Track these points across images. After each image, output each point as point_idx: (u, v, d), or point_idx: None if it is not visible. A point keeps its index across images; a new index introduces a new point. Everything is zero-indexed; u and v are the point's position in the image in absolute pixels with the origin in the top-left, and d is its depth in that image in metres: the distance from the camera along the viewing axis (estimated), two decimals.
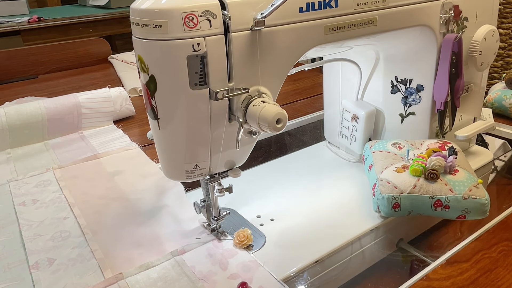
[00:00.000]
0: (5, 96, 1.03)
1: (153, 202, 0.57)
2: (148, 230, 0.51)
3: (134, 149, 0.73)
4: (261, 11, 0.37)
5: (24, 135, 0.77)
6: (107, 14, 2.20)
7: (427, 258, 0.47)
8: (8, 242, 0.50)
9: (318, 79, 1.14)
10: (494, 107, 0.79)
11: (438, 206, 0.48)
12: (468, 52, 0.58)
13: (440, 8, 0.53)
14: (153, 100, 0.40)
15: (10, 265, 0.46)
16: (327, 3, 0.43)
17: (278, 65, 0.42)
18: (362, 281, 0.45)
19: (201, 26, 0.36)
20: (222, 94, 0.38)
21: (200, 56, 0.37)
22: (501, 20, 0.83)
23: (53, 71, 1.36)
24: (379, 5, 0.47)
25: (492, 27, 0.58)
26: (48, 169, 0.67)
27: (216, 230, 0.50)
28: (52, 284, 0.43)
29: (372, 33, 0.48)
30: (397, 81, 0.60)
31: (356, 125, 0.63)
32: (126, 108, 0.89)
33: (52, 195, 0.60)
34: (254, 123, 0.39)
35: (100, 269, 0.45)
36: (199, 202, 0.50)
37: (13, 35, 1.90)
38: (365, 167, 0.58)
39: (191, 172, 0.44)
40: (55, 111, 0.79)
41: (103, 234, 0.51)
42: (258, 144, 0.72)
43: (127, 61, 1.34)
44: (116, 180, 0.63)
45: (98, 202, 0.58)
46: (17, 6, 2.17)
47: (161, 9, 0.35)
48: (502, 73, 0.87)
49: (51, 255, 0.47)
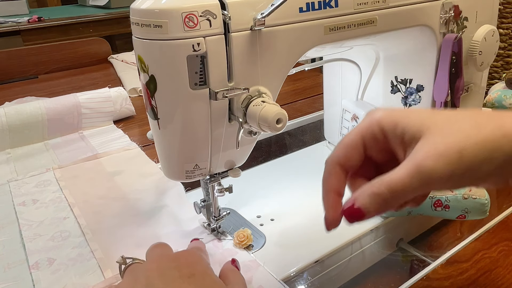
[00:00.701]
0: (5, 96, 1.03)
1: (153, 202, 0.57)
2: (148, 230, 0.51)
3: (134, 149, 0.73)
4: (261, 11, 0.37)
5: (24, 135, 0.77)
6: (107, 14, 2.20)
7: (427, 258, 0.47)
8: (8, 242, 0.50)
9: (318, 79, 1.14)
10: (494, 107, 0.79)
11: (438, 206, 0.48)
12: (468, 52, 0.58)
13: (440, 8, 0.53)
14: (153, 100, 0.40)
15: (10, 265, 0.46)
16: (327, 3, 0.43)
17: (278, 65, 0.42)
18: (362, 281, 0.45)
19: (201, 26, 0.36)
20: (222, 94, 0.38)
21: (200, 56, 0.37)
22: (501, 20, 0.83)
23: (53, 71, 1.36)
24: (379, 5, 0.47)
25: (492, 27, 0.58)
26: (48, 169, 0.67)
27: (216, 230, 0.50)
28: (52, 284, 0.43)
29: (372, 33, 0.48)
30: (397, 81, 0.60)
31: (356, 125, 0.63)
32: (126, 108, 0.89)
33: (52, 195, 0.60)
34: (254, 123, 0.39)
35: (100, 269, 0.45)
36: (199, 202, 0.50)
37: (13, 35, 1.90)
38: None
39: (191, 172, 0.44)
40: (55, 111, 0.79)
41: (103, 234, 0.51)
42: (258, 144, 0.72)
43: (127, 61, 1.34)
44: (116, 180, 0.63)
45: (98, 202, 0.58)
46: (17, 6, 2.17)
47: (161, 9, 0.35)
48: (502, 73, 0.87)
49: (51, 255, 0.47)
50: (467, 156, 0.26)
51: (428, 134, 0.28)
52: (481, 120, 0.27)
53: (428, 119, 0.28)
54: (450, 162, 0.26)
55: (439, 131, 0.27)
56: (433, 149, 0.27)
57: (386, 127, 0.30)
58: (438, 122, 0.28)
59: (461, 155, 0.26)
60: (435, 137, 0.27)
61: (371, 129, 0.31)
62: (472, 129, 0.27)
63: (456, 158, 0.26)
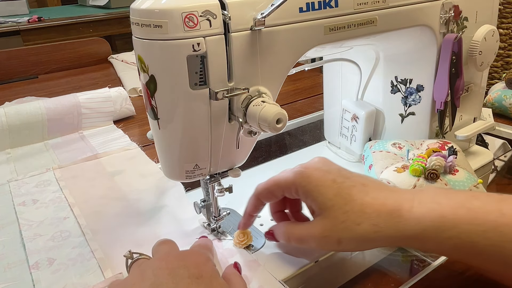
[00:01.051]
0: (5, 96, 1.03)
1: (153, 202, 0.57)
2: (148, 230, 0.51)
3: (134, 149, 0.73)
4: (261, 11, 0.37)
5: (24, 135, 0.77)
6: (107, 14, 2.20)
7: (427, 258, 0.47)
8: (8, 242, 0.50)
9: (318, 79, 1.14)
10: (494, 107, 0.79)
11: None
12: (468, 52, 0.58)
13: (440, 8, 0.53)
14: (153, 100, 0.40)
15: (10, 265, 0.46)
16: (327, 3, 0.43)
17: (278, 65, 0.42)
18: (362, 281, 0.45)
19: (201, 26, 0.36)
20: (222, 94, 0.38)
21: (200, 56, 0.37)
22: (501, 20, 0.83)
23: (53, 71, 1.36)
24: (379, 5, 0.47)
25: (492, 27, 0.58)
26: (48, 169, 0.67)
27: (216, 230, 0.50)
28: (52, 283, 0.43)
29: (372, 33, 0.48)
30: (397, 81, 0.60)
31: (356, 125, 0.63)
32: (126, 108, 0.89)
33: (52, 195, 0.60)
34: (254, 123, 0.39)
35: (100, 269, 0.45)
36: (199, 202, 0.50)
37: (13, 35, 1.90)
38: (365, 167, 0.58)
39: (191, 172, 0.44)
40: (55, 111, 0.79)
41: (103, 234, 0.51)
42: (258, 144, 0.72)
43: (127, 61, 1.34)
44: (116, 180, 0.63)
45: (98, 202, 0.58)
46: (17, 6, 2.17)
47: (161, 9, 0.35)
48: (502, 73, 0.87)
49: (51, 255, 0.47)
50: (344, 244, 0.38)
51: (325, 215, 0.38)
52: (360, 219, 0.36)
53: (330, 201, 0.38)
54: (331, 246, 0.39)
55: (332, 218, 0.37)
56: (321, 231, 0.38)
57: (300, 194, 0.40)
58: (335, 207, 0.37)
59: (339, 242, 0.38)
60: (327, 222, 0.38)
61: (288, 189, 0.41)
62: (352, 224, 0.36)
63: (335, 243, 0.38)
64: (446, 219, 0.34)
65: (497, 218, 0.33)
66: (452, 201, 0.35)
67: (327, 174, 0.40)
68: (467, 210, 0.34)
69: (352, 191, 0.38)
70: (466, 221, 0.34)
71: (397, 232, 0.36)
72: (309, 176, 0.40)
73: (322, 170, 0.40)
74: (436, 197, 0.36)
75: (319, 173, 0.40)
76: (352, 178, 0.40)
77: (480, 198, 0.35)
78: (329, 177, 0.39)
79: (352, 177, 0.40)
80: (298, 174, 0.40)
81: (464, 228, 0.34)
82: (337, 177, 0.40)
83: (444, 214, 0.35)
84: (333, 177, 0.39)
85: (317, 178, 0.39)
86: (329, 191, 0.38)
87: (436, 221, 0.35)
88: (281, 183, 0.41)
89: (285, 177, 0.41)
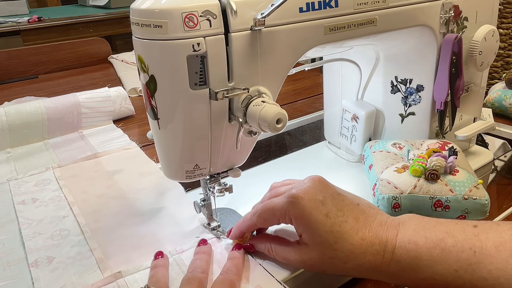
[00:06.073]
0: (5, 96, 1.03)
1: (152, 201, 0.57)
2: (147, 229, 0.51)
3: (134, 148, 0.73)
4: (261, 11, 0.37)
5: (24, 135, 0.77)
6: (107, 14, 2.20)
7: None
8: (8, 241, 0.50)
9: (318, 79, 1.14)
10: (494, 107, 0.79)
11: (438, 206, 0.48)
12: (468, 52, 0.58)
13: (440, 8, 0.53)
14: (153, 100, 0.40)
15: (9, 263, 0.46)
16: (327, 3, 0.43)
17: (278, 65, 0.42)
18: (362, 281, 0.45)
19: (201, 26, 0.36)
20: (222, 94, 0.38)
21: (200, 56, 0.37)
22: (501, 20, 0.83)
23: (53, 71, 1.36)
24: (379, 5, 0.47)
25: (492, 27, 0.58)
26: (48, 168, 0.67)
27: (216, 229, 0.50)
28: (51, 282, 0.43)
29: (372, 33, 0.48)
30: (397, 81, 0.60)
31: (356, 125, 0.63)
32: (125, 108, 0.89)
33: (51, 194, 0.60)
34: (254, 123, 0.39)
35: (99, 267, 0.45)
36: (199, 202, 0.50)
37: (13, 35, 1.90)
38: (365, 167, 0.58)
39: (191, 172, 0.44)
40: (55, 110, 0.79)
41: (102, 233, 0.51)
42: (258, 144, 0.72)
43: (127, 61, 1.34)
44: (115, 179, 0.63)
45: (97, 201, 0.58)
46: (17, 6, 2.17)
47: (161, 9, 0.35)
48: (502, 73, 0.87)
49: (50, 253, 0.47)
50: (328, 273, 0.40)
51: (314, 248, 0.40)
52: (347, 258, 0.39)
53: (321, 238, 0.39)
54: (315, 271, 0.42)
55: (320, 253, 0.39)
56: (308, 260, 0.40)
57: (293, 223, 0.41)
58: (325, 244, 0.39)
59: (324, 272, 0.41)
60: (315, 254, 0.40)
61: (283, 218, 0.42)
62: (339, 262, 0.39)
63: (320, 271, 0.41)
64: (421, 262, 0.36)
65: (469, 257, 0.35)
66: (428, 241, 0.37)
67: (321, 206, 0.40)
68: (441, 251, 0.36)
69: (343, 228, 0.39)
70: (440, 261, 0.36)
71: (379, 271, 0.38)
72: (302, 208, 0.40)
73: (316, 201, 0.40)
74: (415, 236, 0.38)
75: (313, 205, 0.40)
76: (345, 209, 0.40)
77: (455, 235, 0.37)
78: (323, 210, 0.39)
79: (345, 207, 0.40)
80: (291, 205, 0.40)
81: (438, 269, 0.36)
82: (331, 209, 0.40)
83: (419, 256, 0.37)
84: (327, 211, 0.39)
85: (309, 212, 0.39)
86: (321, 227, 0.39)
87: (413, 263, 0.37)
88: (276, 213, 0.42)
89: (280, 205, 0.41)
